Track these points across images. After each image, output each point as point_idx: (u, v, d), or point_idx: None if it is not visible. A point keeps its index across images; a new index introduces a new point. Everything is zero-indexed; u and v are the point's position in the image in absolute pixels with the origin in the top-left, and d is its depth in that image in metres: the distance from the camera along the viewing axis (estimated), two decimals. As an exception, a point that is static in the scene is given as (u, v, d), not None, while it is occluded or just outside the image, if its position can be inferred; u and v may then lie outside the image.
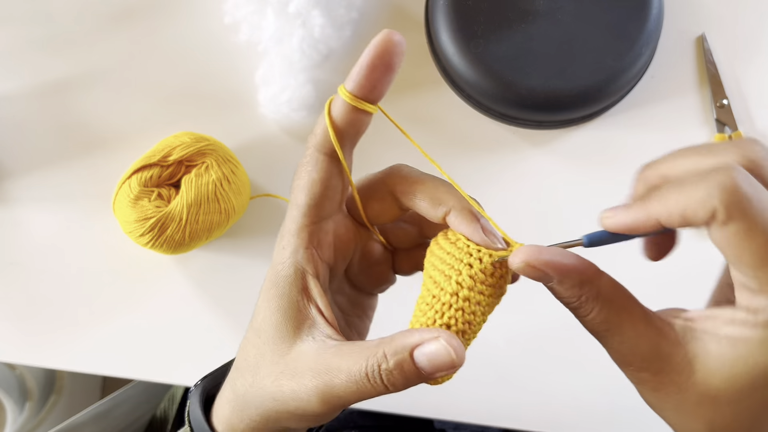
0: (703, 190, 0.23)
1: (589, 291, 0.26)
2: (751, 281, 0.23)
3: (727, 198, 0.22)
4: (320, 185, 0.29)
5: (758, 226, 0.22)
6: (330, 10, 0.51)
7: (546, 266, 0.25)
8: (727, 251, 0.23)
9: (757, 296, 0.23)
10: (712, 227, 0.23)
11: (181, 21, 0.55)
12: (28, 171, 0.54)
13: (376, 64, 0.27)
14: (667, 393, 0.25)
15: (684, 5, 0.54)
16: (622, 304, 0.26)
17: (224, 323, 0.52)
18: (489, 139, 0.53)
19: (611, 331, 0.26)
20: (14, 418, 0.77)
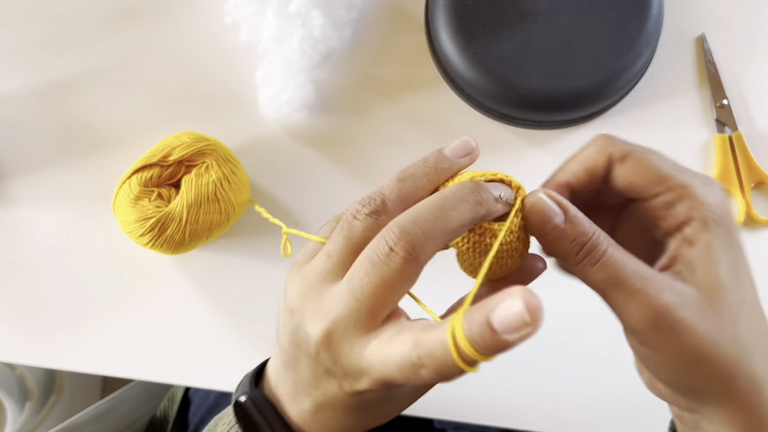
0: (592, 146, 0.29)
1: (599, 238, 0.27)
2: (668, 192, 0.27)
3: (614, 143, 0.28)
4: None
5: (647, 151, 0.28)
6: (330, 10, 0.51)
7: (562, 203, 0.27)
8: (633, 181, 0.28)
9: (673, 208, 0.27)
10: (615, 168, 0.28)
11: (181, 21, 0.55)
12: (28, 171, 0.54)
13: None
14: (656, 350, 0.27)
15: (684, 5, 0.54)
16: (625, 263, 0.27)
17: (224, 323, 0.52)
18: (489, 139, 0.53)
19: (615, 287, 0.26)
20: (14, 418, 0.77)
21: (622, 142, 0.29)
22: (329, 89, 0.54)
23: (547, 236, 0.27)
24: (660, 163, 0.28)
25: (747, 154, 0.51)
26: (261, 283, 0.52)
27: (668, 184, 0.27)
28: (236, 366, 0.52)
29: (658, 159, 0.28)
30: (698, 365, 0.26)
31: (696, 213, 0.27)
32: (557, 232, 0.27)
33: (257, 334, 0.52)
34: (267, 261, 0.53)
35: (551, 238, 0.27)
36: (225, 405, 0.60)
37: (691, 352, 0.26)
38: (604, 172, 0.29)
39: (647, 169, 0.28)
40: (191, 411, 0.63)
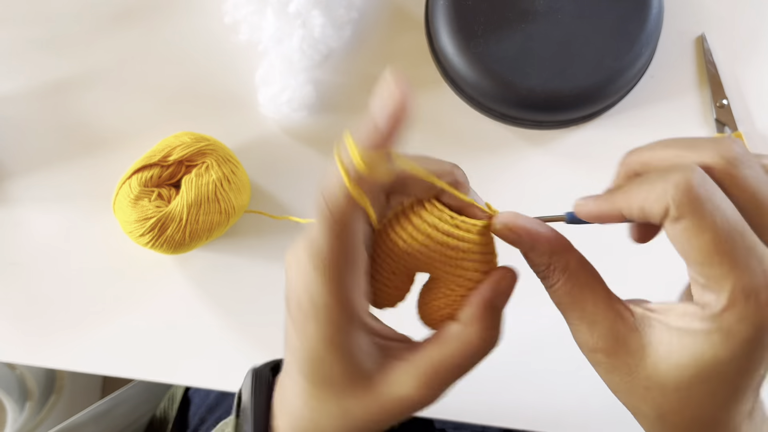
0: (660, 187, 0.24)
1: (558, 261, 0.27)
2: (699, 278, 0.24)
3: (679, 196, 0.23)
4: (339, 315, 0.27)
5: (706, 224, 0.23)
6: (330, 10, 0.51)
7: (521, 230, 0.27)
8: (678, 247, 0.25)
9: (705, 292, 0.24)
10: (666, 223, 0.24)
11: (181, 21, 0.55)
12: (28, 171, 0.54)
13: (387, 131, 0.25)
14: (619, 375, 0.27)
15: (684, 5, 0.54)
16: (587, 281, 0.27)
17: (224, 323, 0.52)
18: (489, 139, 0.53)
19: (573, 305, 0.27)
20: (14, 418, 0.77)
21: (697, 199, 0.23)
22: (329, 89, 0.54)
23: (521, 249, 0.28)
24: (714, 239, 0.23)
25: (747, 154, 0.51)
26: (261, 283, 0.52)
27: (709, 270, 0.24)
28: (236, 366, 0.52)
29: (715, 231, 0.23)
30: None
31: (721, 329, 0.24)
32: (524, 252, 0.28)
33: (257, 333, 0.52)
34: (267, 261, 0.53)
35: (523, 252, 0.28)
36: (225, 405, 0.60)
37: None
38: (657, 220, 0.25)
39: (696, 244, 0.24)
40: (191, 411, 0.63)
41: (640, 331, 0.26)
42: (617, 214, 0.26)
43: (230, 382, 0.51)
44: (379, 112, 0.24)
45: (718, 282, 0.23)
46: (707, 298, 0.24)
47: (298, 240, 0.27)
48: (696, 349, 0.24)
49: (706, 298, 0.24)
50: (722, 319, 0.24)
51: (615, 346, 0.26)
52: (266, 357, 0.38)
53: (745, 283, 0.23)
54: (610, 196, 0.27)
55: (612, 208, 0.26)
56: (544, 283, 0.28)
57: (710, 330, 0.24)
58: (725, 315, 0.24)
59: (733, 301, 0.23)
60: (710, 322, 0.24)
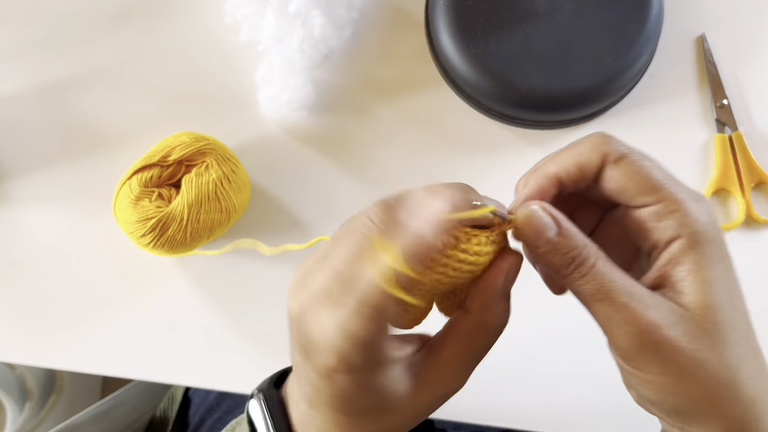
0: (588, 143, 0.28)
1: (591, 246, 0.27)
2: (658, 204, 0.27)
3: (610, 143, 0.28)
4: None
5: (643, 157, 0.27)
6: (330, 10, 0.51)
7: (556, 216, 0.27)
8: (624, 185, 0.27)
9: (663, 220, 0.27)
10: (608, 169, 0.28)
11: (181, 21, 0.55)
12: (28, 171, 0.54)
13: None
14: (643, 370, 0.26)
15: (684, 5, 0.54)
16: (613, 277, 0.27)
17: (224, 323, 0.52)
18: (489, 139, 0.53)
19: (601, 302, 0.27)
20: (14, 418, 0.77)
21: (618, 143, 0.28)
22: (329, 89, 0.54)
23: (540, 248, 0.27)
24: (654, 171, 0.27)
25: (747, 154, 0.51)
26: (261, 283, 0.52)
27: (660, 195, 0.27)
28: (236, 366, 0.52)
29: (653, 167, 0.27)
30: (683, 386, 0.26)
31: (686, 230, 0.26)
32: (549, 245, 0.27)
33: (257, 334, 0.52)
34: (267, 261, 0.53)
35: (543, 250, 0.27)
36: (225, 405, 0.60)
37: (676, 372, 0.25)
38: (596, 170, 0.28)
39: (641, 175, 0.27)
40: (191, 411, 0.63)
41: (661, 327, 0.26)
42: (554, 182, 0.28)
43: (230, 382, 0.51)
44: (427, 224, 0.24)
45: (671, 205, 0.26)
46: (666, 233, 0.27)
47: (305, 288, 0.26)
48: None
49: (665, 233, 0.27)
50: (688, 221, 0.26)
51: (643, 340, 0.26)
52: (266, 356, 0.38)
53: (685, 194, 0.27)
54: (538, 170, 0.29)
55: (547, 178, 0.28)
56: (573, 276, 0.27)
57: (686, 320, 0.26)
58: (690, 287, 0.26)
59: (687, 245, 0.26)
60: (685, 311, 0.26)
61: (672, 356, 0.25)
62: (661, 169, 0.27)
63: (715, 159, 0.52)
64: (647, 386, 0.26)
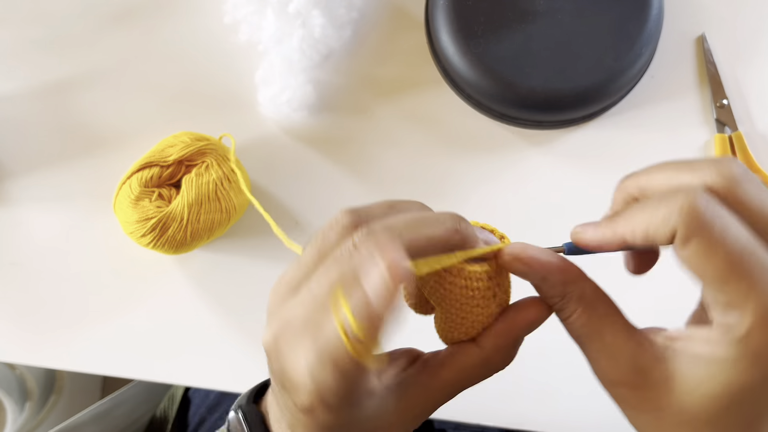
0: (665, 210, 0.23)
1: (572, 291, 0.26)
2: (720, 297, 0.23)
3: (686, 219, 0.23)
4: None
5: (718, 244, 0.23)
6: (330, 10, 0.51)
7: (532, 261, 0.26)
8: (691, 270, 0.24)
9: (726, 314, 0.23)
10: (675, 247, 0.24)
11: (181, 21, 0.55)
12: (28, 171, 0.54)
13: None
14: (645, 410, 0.26)
15: (684, 5, 0.54)
16: (605, 311, 0.26)
17: (225, 323, 0.52)
18: (489, 139, 0.53)
19: (591, 337, 0.26)
20: (14, 418, 0.77)
21: (701, 218, 0.23)
22: (329, 89, 0.54)
23: (534, 275, 0.27)
24: (729, 258, 0.23)
25: (747, 154, 0.51)
26: (261, 282, 0.52)
27: (728, 289, 0.23)
28: (236, 366, 0.52)
29: (728, 249, 0.23)
30: None
31: (733, 345, 0.23)
32: (536, 284, 0.27)
33: (257, 333, 0.52)
34: (267, 261, 0.53)
35: (539, 277, 0.27)
36: (225, 405, 0.60)
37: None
38: (663, 244, 0.25)
39: (710, 265, 0.23)
40: (191, 411, 0.63)
41: (663, 362, 0.25)
42: (619, 241, 0.25)
43: (230, 382, 0.51)
44: (373, 293, 0.22)
45: (739, 300, 0.23)
46: (729, 319, 0.23)
47: (281, 319, 0.25)
48: (725, 377, 0.23)
49: (728, 319, 0.23)
50: (749, 341, 0.23)
51: (639, 378, 0.25)
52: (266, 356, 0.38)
53: (766, 300, 0.22)
54: (610, 222, 0.26)
55: (614, 234, 0.26)
56: (559, 316, 0.27)
57: (737, 354, 0.23)
58: (752, 336, 0.23)
59: (758, 321, 0.22)
60: (736, 345, 0.23)
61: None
62: (737, 244, 0.23)
63: (715, 159, 0.52)
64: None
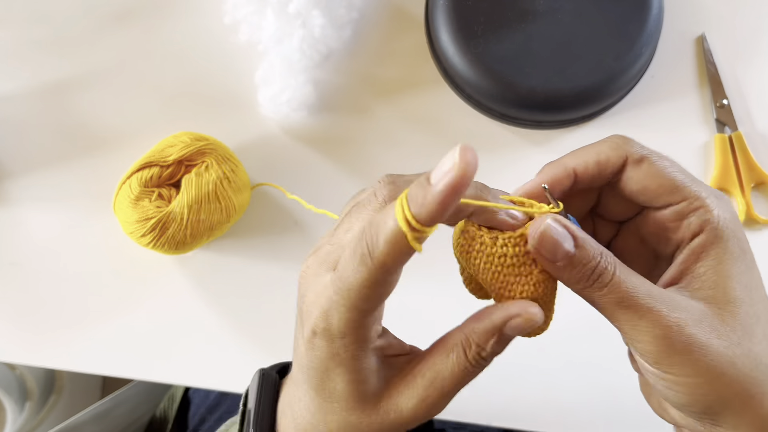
0: (608, 143, 0.28)
1: (608, 256, 0.26)
2: (681, 202, 0.27)
3: (631, 145, 0.28)
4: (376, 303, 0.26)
5: (663, 158, 0.28)
6: (330, 10, 0.51)
7: (570, 228, 0.26)
8: (646, 186, 0.28)
9: (688, 217, 0.27)
10: (629, 170, 0.28)
11: (181, 21, 0.55)
12: (28, 171, 0.54)
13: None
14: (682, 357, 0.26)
15: (684, 5, 0.54)
16: (633, 273, 0.26)
17: (225, 323, 0.52)
18: (489, 139, 0.53)
19: (630, 300, 0.26)
20: (14, 418, 0.77)
21: (639, 144, 0.28)
22: (329, 89, 0.54)
23: (558, 262, 0.26)
24: (675, 171, 0.28)
25: (747, 154, 0.51)
26: (261, 283, 0.52)
27: (682, 194, 0.27)
28: (236, 366, 0.52)
29: (674, 167, 0.28)
30: (713, 384, 0.25)
31: (708, 225, 0.26)
32: (567, 258, 0.26)
33: (258, 333, 0.52)
34: (267, 261, 0.53)
35: (561, 264, 0.26)
36: (225, 405, 0.60)
37: (706, 372, 0.25)
38: (615, 169, 0.28)
39: (663, 175, 0.27)
40: (191, 411, 0.63)
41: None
42: (569, 174, 0.28)
43: (230, 382, 0.51)
44: (443, 181, 0.23)
45: (689, 196, 0.27)
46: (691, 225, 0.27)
47: (315, 255, 0.27)
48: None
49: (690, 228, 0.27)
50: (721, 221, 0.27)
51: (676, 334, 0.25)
52: (266, 356, 0.38)
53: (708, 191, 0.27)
54: (558, 161, 0.29)
55: (564, 169, 0.28)
56: (593, 287, 0.26)
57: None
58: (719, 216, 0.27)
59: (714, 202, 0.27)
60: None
61: (703, 355, 0.25)
62: (682, 170, 0.28)
63: (715, 159, 0.52)
64: (678, 389, 0.26)
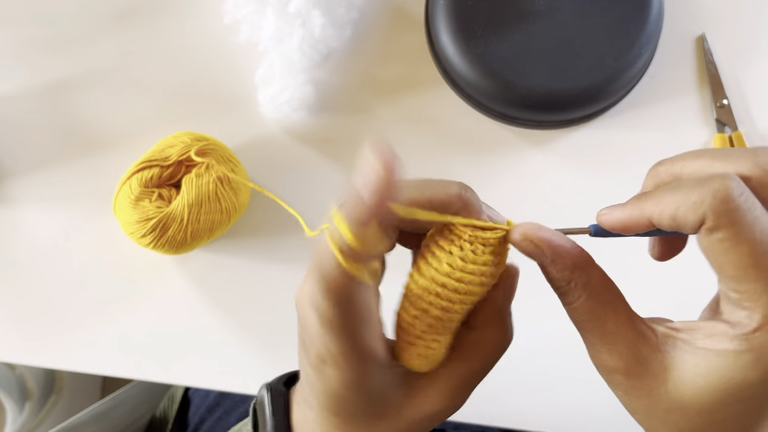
0: (696, 194, 0.23)
1: (579, 277, 0.26)
2: (732, 293, 0.23)
3: (717, 206, 0.22)
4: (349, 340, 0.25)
5: (744, 236, 0.22)
6: (330, 10, 0.51)
7: (542, 243, 0.26)
8: (711, 260, 0.23)
9: (737, 309, 0.23)
10: (700, 234, 0.23)
11: (181, 21, 0.55)
12: (28, 171, 0.54)
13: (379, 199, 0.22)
14: (639, 397, 0.26)
15: (684, 5, 0.54)
16: (609, 299, 0.26)
17: (225, 323, 0.52)
18: (489, 139, 0.53)
19: (593, 324, 0.26)
20: (14, 418, 0.77)
21: (732, 205, 0.22)
22: (329, 89, 0.54)
23: (540, 262, 0.27)
24: (752, 253, 0.22)
25: (747, 154, 0.51)
26: (261, 283, 0.52)
27: (745, 283, 0.23)
28: (236, 366, 0.52)
29: (753, 244, 0.22)
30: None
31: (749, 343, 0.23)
32: (543, 266, 0.27)
33: (258, 334, 0.52)
34: (268, 261, 0.53)
35: (542, 265, 0.27)
36: (225, 405, 0.60)
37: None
38: (690, 230, 0.24)
39: (733, 257, 0.23)
40: (191, 411, 0.63)
41: (662, 352, 0.25)
42: (645, 222, 0.25)
43: (230, 383, 0.51)
44: (363, 186, 0.22)
45: (753, 298, 0.22)
46: (739, 315, 0.23)
47: (305, 280, 0.26)
48: (725, 371, 0.23)
49: (737, 316, 0.23)
50: (754, 339, 0.22)
51: (636, 367, 0.25)
52: (267, 356, 0.38)
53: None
54: (638, 202, 0.25)
55: (641, 215, 0.25)
56: (562, 300, 0.27)
57: (741, 350, 0.23)
58: (758, 334, 0.22)
59: (767, 320, 0.22)
60: (741, 341, 0.23)
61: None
62: (761, 244, 0.22)
63: (715, 159, 0.52)
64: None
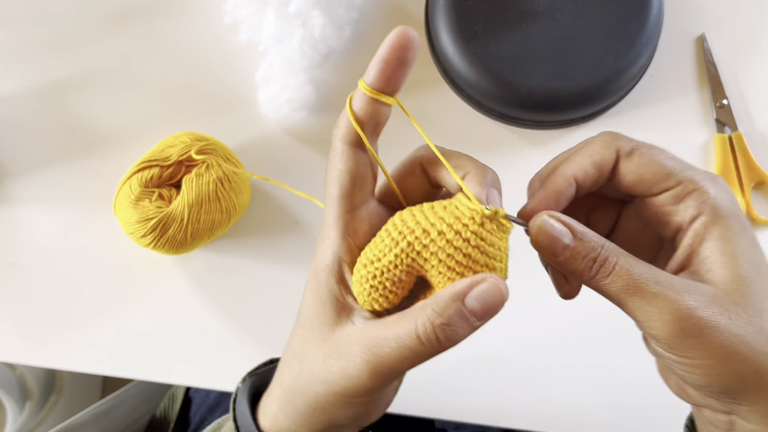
0: (598, 141, 0.29)
1: (609, 245, 0.26)
2: (676, 187, 0.27)
3: (620, 139, 0.28)
4: (349, 175, 0.30)
5: (652, 147, 0.28)
6: (330, 10, 0.51)
7: (567, 222, 0.27)
8: (641, 176, 0.28)
9: (685, 201, 0.27)
10: (622, 163, 0.28)
11: (181, 21, 0.55)
12: (28, 171, 0.54)
13: (391, 59, 0.28)
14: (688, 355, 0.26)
15: (684, 5, 0.54)
16: (637, 260, 0.27)
17: (225, 323, 0.52)
18: (489, 139, 0.53)
19: (638, 286, 0.26)
20: (14, 418, 0.77)
21: (627, 138, 0.29)
22: (329, 89, 0.54)
23: (559, 257, 0.27)
24: (666, 158, 0.28)
25: (747, 154, 0.51)
26: (261, 283, 0.52)
27: (676, 179, 0.27)
28: (236, 366, 0.52)
29: (664, 155, 0.28)
30: (729, 364, 0.25)
31: (706, 206, 0.27)
32: (567, 252, 0.26)
33: (257, 333, 0.52)
34: (267, 261, 0.53)
35: (563, 258, 0.27)
36: (225, 405, 0.60)
37: (720, 352, 0.25)
38: (611, 167, 0.28)
39: (655, 164, 0.28)
40: (192, 411, 0.63)
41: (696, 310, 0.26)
42: (570, 182, 0.28)
43: (230, 382, 0.51)
44: (384, 47, 0.27)
45: (686, 187, 0.27)
46: (683, 215, 0.27)
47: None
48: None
49: (686, 213, 0.27)
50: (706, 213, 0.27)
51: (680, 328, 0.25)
52: (267, 356, 0.39)
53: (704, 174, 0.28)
54: (555, 173, 0.29)
55: (565, 179, 0.28)
56: (598, 277, 0.26)
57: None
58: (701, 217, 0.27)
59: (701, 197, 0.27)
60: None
61: (715, 336, 0.25)
62: (673, 156, 0.28)
63: (715, 159, 0.52)
64: (695, 371, 0.26)
